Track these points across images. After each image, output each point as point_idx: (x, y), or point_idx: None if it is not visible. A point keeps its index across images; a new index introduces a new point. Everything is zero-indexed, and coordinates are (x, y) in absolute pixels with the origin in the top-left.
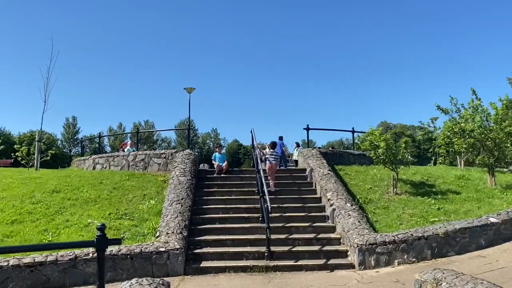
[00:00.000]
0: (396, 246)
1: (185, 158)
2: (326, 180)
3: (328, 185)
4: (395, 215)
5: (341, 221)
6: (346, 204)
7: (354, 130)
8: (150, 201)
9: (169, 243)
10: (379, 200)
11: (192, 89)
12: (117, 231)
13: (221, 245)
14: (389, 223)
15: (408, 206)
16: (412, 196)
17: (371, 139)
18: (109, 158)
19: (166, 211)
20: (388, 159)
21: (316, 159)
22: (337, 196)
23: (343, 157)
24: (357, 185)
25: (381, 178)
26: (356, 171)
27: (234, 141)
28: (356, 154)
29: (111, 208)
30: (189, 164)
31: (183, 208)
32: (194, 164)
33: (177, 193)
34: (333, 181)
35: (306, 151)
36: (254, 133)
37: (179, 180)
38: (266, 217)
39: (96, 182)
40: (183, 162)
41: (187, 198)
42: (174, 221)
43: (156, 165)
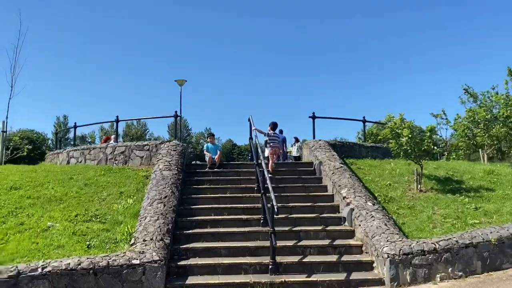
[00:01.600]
0: (438, 256)
1: (171, 149)
2: (339, 174)
3: (342, 180)
4: (425, 216)
5: (362, 224)
6: (366, 203)
7: (365, 120)
8: (128, 200)
9: (145, 254)
10: (402, 198)
11: (184, 81)
12: (82, 237)
13: (213, 255)
14: (419, 226)
15: (438, 206)
16: (440, 193)
17: (392, 126)
18: (85, 151)
19: (145, 212)
20: (412, 150)
21: (325, 151)
22: (355, 194)
23: (353, 150)
24: (373, 181)
25: (400, 173)
26: (369, 165)
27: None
28: (369, 147)
29: (79, 209)
30: (176, 157)
31: (166, 208)
32: (182, 156)
33: (160, 190)
34: (348, 175)
35: (312, 142)
36: (253, 120)
37: (162, 175)
38: (271, 219)
39: (65, 178)
40: (168, 154)
41: (172, 196)
42: (153, 225)
43: (138, 159)
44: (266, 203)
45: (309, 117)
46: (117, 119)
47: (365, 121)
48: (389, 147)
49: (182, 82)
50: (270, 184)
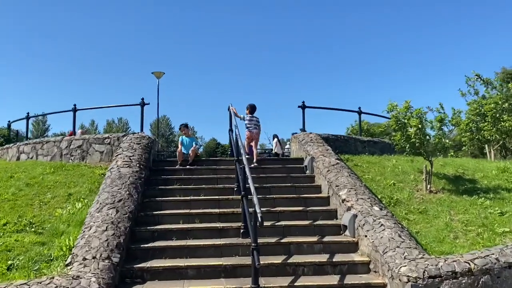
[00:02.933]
0: (474, 280)
1: (135, 143)
2: (336, 172)
3: (340, 179)
4: (442, 224)
5: (369, 235)
6: (372, 208)
7: (361, 111)
8: (76, 203)
9: (80, 280)
10: (410, 201)
11: (161, 73)
12: (5, 254)
13: (178, 277)
14: (437, 236)
15: (455, 210)
16: (454, 194)
17: (396, 115)
18: (37, 146)
19: (91, 220)
20: (421, 144)
21: (318, 145)
22: (357, 196)
23: (348, 145)
24: (374, 180)
25: (405, 171)
26: (367, 162)
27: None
28: (365, 141)
29: (12, 215)
30: (139, 151)
31: (119, 215)
32: (148, 151)
33: (114, 192)
34: (346, 173)
35: (302, 135)
36: (233, 108)
37: (119, 173)
38: (253, 231)
39: (4, 176)
40: (130, 148)
41: (129, 200)
42: (99, 238)
43: (97, 154)
44: (247, 208)
45: (299, 107)
46: (74, 108)
47: (361, 112)
48: (393, 140)
49: (160, 75)
50: (252, 184)
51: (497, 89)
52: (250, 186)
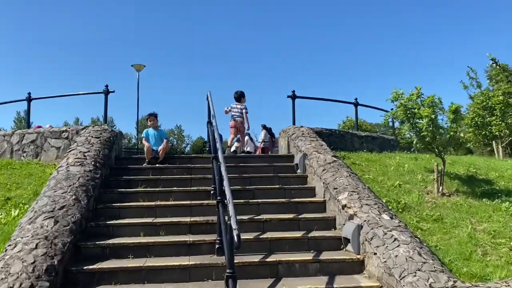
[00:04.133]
0: None
1: (93, 136)
2: (334, 172)
3: (338, 180)
4: (464, 235)
5: (379, 252)
6: (381, 216)
7: (357, 103)
8: (13, 210)
9: None
10: (421, 206)
11: (142, 66)
12: None
13: None
14: (461, 251)
15: (476, 217)
16: (471, 198)
17: (405, 103)
18: None
19: (19, 234)
20: (432, 138)
21: (311, 139)
22: (360, 201)
23: (344, 140)
24: (376, 180)
25: (411, 170)
26: (366, 159)
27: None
28: (363, 137)
29: None
30: (97, 146)
31: (57, 227)
32: (108, 146)
33: (56, 197)
34: (346, 173)
35: (292, 129)
36: (211, 98)
37: (68, 172)
38: (228, 252)
39: None
40: (87, 142)
41: (75, 207)
42: (24, 259)
43: (53, 150)
44: (223, 217)
45: (288, 97)
46: (29, 97)
47: (358, 104)
48: (399, 133)
49: (140, 68)
50: (228, 186)
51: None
52: (226, 189)
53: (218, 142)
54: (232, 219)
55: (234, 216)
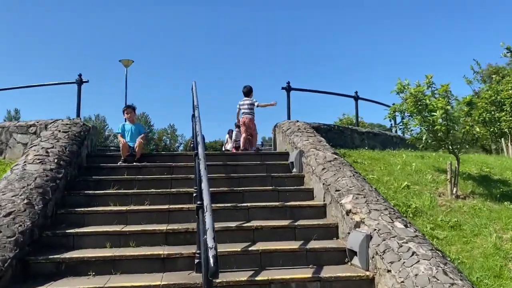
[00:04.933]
0: None
1: (60, 130)
2: (335, 171)
3: (341, 181)
4: (489, 245)
5: (394, 269)
6: (394, 224)
7: (358, 96)
8: None
9: None
10: (434, 210)
11: (130, 61)
12: None
13: None
14: (489, 266)
15: (499, 223)
16: (490, 201)
17: (416, 94)
18: None
19: None
20: (446, 133)
21: (308, 135)
22: (368, 205)
23: (344, 136)
24: (381, 181)
25: (418, 170)
26: (369, 157)
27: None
28: (364, 133)
29: None
30: (64, 142)
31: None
32: (78, 142)
33: (3, 201)
34: (349, 173)
35: (287, 124)
36: (196, 88)
37: (24, 172)
38: (204, 274)
39: None
40: (52, 137)
41: (26, 213)
42: None
43: (19, 147)
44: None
45: (283, 89)
46: None
47: (358, 97)
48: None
49: (128, 63)
50: (206, 188)
51: None
52: (204, 191)
53: (199, 136)
54: (209, 234)
55: (211, 229)
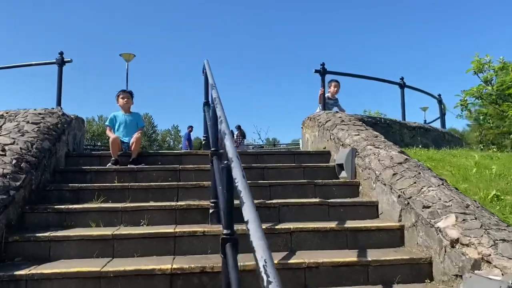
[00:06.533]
0: None
1: (29, 122)
2: (414, 177)
3: (427, 192)
4: None
5: None
6: None
7: (404, 83)
8: None
9: None
10: None
11: (131, 55)
12: None
13: None
14: None
15: None
16: None
17: None
18: None
19: None
20: None
21: (357, 128)
22: (487, 232)
23: (391, 132)
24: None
25: (501, 174)
26: (429, 158)
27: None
28: (414, 128)
29: None
30: (31, 136)
31: None
32: (52, 138)
33: None
34: (434, 180)
35: (325, 115)
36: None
37: None
38: None
39: None
40: (16, 131)
41: None
42: None
43: None
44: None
45: (316, 72)
46: None
47: (404, 85)
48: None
49: (129, 57)
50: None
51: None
52: (245, 208)
53: (223, 123)
54: None
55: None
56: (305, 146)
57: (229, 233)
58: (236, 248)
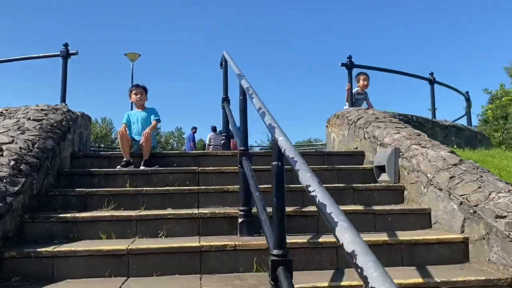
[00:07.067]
0: None
1: (30, 118)
2: (476, 181)
3: (497, 199)
4: None
5: None
6: None
7: (434, 79)
8: None
9: None
10: None
11: (136, 55)
12: None
13: None
14: None
15: None
16: None
17: None
18: None
19: None
20: None
21: (396, 126)
22: None
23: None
24: None
25: None
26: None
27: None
28: (447, 127)
29: None
30: (32, 135)
31: None
32: (57, 136)
33: None
34: (501, 184)
35: (355, 112)
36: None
37: None
38: None
39: None
40: (15, 128)
41: None
42: None
43: None
44: None
45: (342, 65)
46: None
47: (434, 81)
48: None
49: (134, 57)
50: (345, 222)
51: None
52: (340, 230)
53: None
54: None
55: None
56: (331, 146)
57: (281, 254)
58: (291, 272)
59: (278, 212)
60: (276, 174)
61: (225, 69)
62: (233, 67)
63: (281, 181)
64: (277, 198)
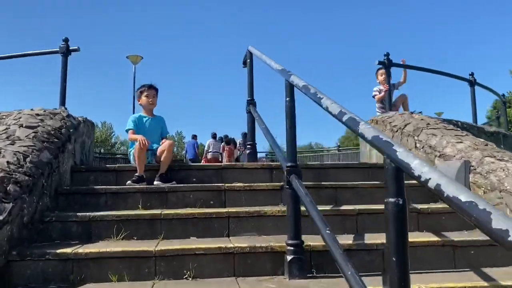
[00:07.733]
0: None
1: (22, 125)
2: None
3: None
4: None
5: None
6: None
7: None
8: None
9: None
10: None
11: (138, 57)
12: None
13: None
14: None
15: None
16: None
17: None
18: None
19: None
20: None
21: (455, 134)
22: None
23: None
24: None
25: None
26: None
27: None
28: (492, 133)
29: None
30: (24, 146)
31: None
32: (54, 147)
33: None
34: None
35: (399, 117)
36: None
37: None
38: None
39: None
40: (4, 137)
41: None
42: None
43: None
44: None
45: (379, 63)
46: None
47: (475, 82)
48: None
49: (137, 59)
50: None
51: None
52: None
53: (346, 115)
54: None
55: None
56: (366, 157)
57: None
58: None
59: (401, 259)
60: (395, 217)
61: (250, 67)
62: (271, 63)
63: (402, 230)
64: (398, 236)
